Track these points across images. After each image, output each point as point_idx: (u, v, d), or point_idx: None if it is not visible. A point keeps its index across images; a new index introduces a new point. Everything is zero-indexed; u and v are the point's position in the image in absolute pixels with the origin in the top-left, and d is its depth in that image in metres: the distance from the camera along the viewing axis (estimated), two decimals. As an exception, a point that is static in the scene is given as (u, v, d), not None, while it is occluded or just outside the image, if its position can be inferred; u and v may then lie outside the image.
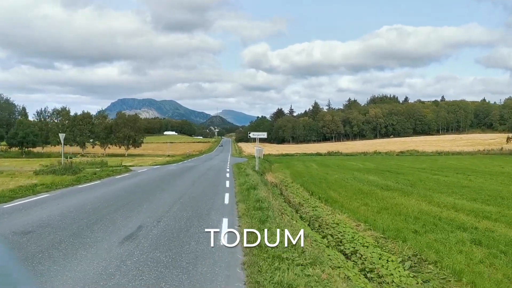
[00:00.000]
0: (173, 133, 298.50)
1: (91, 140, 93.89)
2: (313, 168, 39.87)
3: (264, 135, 36.46)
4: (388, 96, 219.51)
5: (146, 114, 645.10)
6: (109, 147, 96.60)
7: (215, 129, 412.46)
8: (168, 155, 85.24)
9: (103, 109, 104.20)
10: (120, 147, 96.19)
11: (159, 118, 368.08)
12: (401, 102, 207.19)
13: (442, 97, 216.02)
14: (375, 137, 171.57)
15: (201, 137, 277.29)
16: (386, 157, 68.10)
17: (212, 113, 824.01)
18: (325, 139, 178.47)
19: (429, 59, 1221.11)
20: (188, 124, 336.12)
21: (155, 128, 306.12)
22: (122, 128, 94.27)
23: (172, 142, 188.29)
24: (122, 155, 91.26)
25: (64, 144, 31.20)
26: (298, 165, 45.64)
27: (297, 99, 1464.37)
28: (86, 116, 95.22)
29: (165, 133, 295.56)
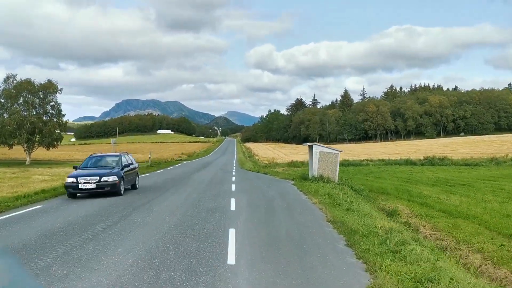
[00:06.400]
0: (169, 131, 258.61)
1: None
2: None
3: None
4: (429, 86, 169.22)
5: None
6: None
7: (218, 128, 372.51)
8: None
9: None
10: (10, 148, 47.83)
11: (152, 114, 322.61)
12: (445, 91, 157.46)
13: (510, 84, 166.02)
14: (438, 135, 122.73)
15: (202, 137, 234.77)
16: None
17: (217, 114, 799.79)
18: (367, 137, 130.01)
19: (439, 59, 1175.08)
20: (187, 122, 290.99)
21: (147, 126, 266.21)
22: (18, 109, 45.93)
23: (162, 142, 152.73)
24: (21, 163, 44.06)
25: None
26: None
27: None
28: None
29: (159, 131, 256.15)
